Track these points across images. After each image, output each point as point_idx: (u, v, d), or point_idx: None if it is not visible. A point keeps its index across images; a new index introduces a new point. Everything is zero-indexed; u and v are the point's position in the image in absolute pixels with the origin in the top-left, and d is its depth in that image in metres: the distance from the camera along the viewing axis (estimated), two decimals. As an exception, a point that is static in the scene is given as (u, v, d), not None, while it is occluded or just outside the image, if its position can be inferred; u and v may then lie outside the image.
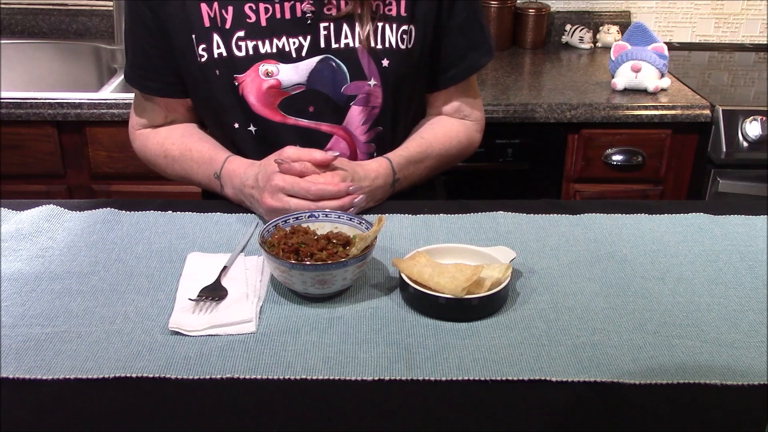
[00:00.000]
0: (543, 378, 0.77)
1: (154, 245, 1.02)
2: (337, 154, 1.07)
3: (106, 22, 2.30)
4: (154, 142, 1.25)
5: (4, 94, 1.79)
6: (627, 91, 1.90)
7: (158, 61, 1.18)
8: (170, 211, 1.11)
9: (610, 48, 1.98)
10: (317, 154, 1.05)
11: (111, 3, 2.24)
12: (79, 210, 1.11)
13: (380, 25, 1.14)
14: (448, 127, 1.26)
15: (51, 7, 2.31)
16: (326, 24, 1.13)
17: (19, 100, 1.77)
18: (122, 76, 2.02)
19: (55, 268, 0.96)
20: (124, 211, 1.11)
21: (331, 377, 0.77)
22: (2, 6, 2.29)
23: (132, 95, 1.28)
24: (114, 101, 1.79)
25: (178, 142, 1.22)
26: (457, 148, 1.26)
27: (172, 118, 1.26)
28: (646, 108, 1.82)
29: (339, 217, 0.98)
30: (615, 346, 0.82)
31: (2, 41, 2.22)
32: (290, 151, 1.05)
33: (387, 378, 0.77)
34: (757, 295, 0.92)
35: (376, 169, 1.13)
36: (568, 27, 2.36)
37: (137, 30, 1.18)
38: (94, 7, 2.30)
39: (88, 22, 2.31)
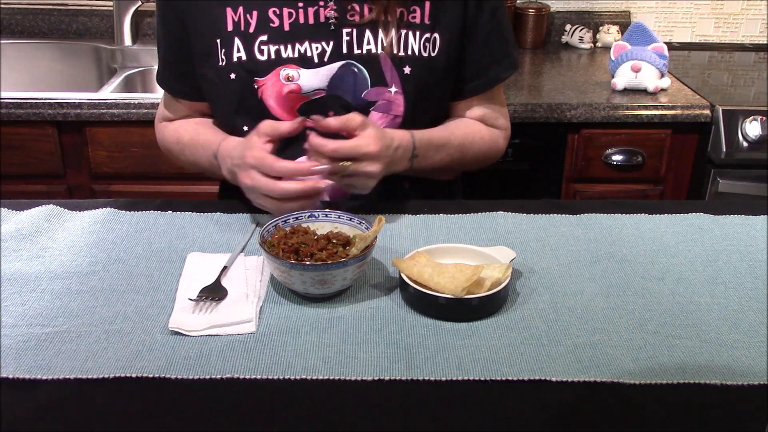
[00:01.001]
0: (543, 378, 0.77)
1: (154, 245, 1.02)
2: (301, 119, 1.06)
3: (106, 22, 2.30)
4: (171, 129, 1.28)
5: (4, 94, 1.79)
6: (627, 91, 1.90)
7: (183, 66, 1.20)
8: (170, 211, 1.11)
9: (610, 48, 1.98)
10: (285, 126, 1.04)
11: (111, 3, 2.24)
12: (79, 210, 1.11)
13: (403, 32, 1.14)
14: (472, 124, 1.26)
15: (51, 7, 2.31)
16: (349, 30, 1.13)
17: (19, 100, 1.77)
18: (122, 76, 2.04)
19: (55, 268, 0.96)
20: (124, 211, 1.11)
21: (331, 377, 0.77)
22: (2, 6, 2.29)
23: (132, 95, 1.28)
24: (114, 101, 1.79)
25: (190, 129, 1.24)
26: (479, 145, 1.25)
27: (195, 116, 1.28)
28: (646, 108, 1.82)
29: (339, 217, 0.98)
30: (615, 346, 0.82)
31: (2, 41, 2.22)
32: (264, 125, 1.04)
33: (387, 378, 0.77)
34: (757, 295, 0.92)
35: (399, 137, 1.11)
36: (568, 27, 2.36)
37: (166, 33, 1.20)
38: (94, 7, 2.30)
39: (88, 22, 2.31)
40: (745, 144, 1.79)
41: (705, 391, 0.76)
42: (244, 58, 1.13)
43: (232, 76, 1.14)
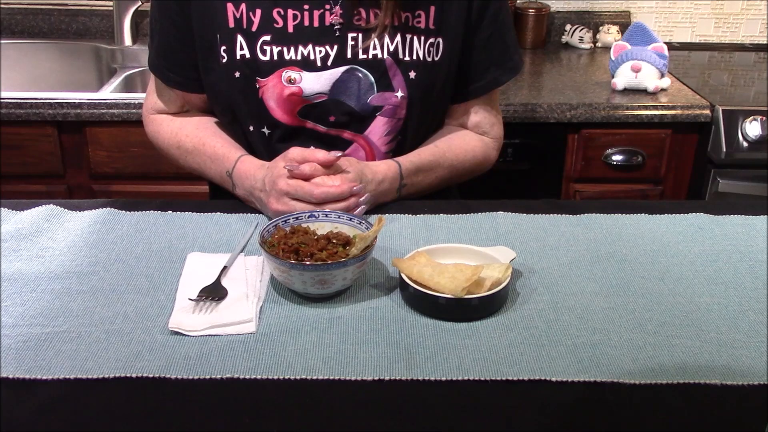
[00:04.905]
0: (543, 378, 0.77)
1: (154, 245, 1.02)
2: (340, 154, 1.06)
3: (106, 22, 2.30)
4: (168, 130, 1.24)
5: (4, 94, 1.79)
6: (627, 91, 1.90)
7: (182, 55, 1.18)
8: (170, 211, 1.11)
9: (610, 48, 1.98)
10: (320, 154, 1.04)
11: (111, 3, 2.24)
12: (79, 210, 1.11)
13: (408, 37, 1.13)
14: (466, 141, 1.25)
15: (51, 7, 2.31)
16: (354, 34, 1.12)
17: (19, 100, 1.77)
18: (122, 76, 2.03)
19: (55, 268, 0.96)
20: (124, 211, 1.11)
21: (331, 377, 0.77)
22: (2, 6, 2.29)
23: (132, 95, 1.28)
24: (114, 101, 1.79)
25: (192, 135, 1.21)
26: (471, 163, 1.24)
27: (188, 108, 1.26)
28: (646, 108, 1.82)
29: (339, 217, 0.98)
30: (615, 346, 0.82)
31: (2, 41, 2.22)
32: (295, 152, 1.05)
33: (387, 378, 0.77)
34: (757, 295, 0.92)
35: (383, 171, 1.12)
36: (568, 27, 2.36)
37: (164, 22, 1.17)
38: (94, 7, 2.30)
39: (88, 22, 2.31)
40: (745, 144, 1.79)
41: (705, 391, 0.76)
42: (248, 56, 1.12)
43: (237, 74, 1.13)
